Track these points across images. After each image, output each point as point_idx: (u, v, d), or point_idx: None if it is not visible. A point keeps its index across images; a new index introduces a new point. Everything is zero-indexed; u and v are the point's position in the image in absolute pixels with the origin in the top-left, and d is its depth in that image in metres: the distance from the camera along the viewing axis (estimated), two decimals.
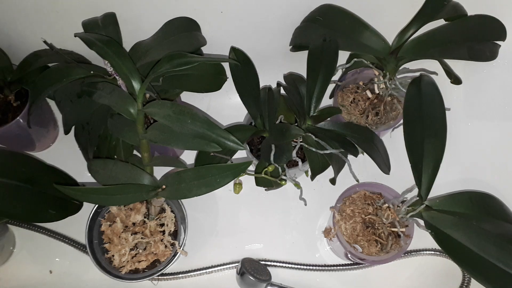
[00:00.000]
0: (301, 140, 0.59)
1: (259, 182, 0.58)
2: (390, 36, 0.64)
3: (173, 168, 0.66)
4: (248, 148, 0.65)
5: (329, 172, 0.60)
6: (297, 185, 0.57)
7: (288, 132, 0.55)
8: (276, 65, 0.76)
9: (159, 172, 0.60)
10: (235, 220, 0.74)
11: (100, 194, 0.48)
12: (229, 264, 0.69)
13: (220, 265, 0.69)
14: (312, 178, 0.59)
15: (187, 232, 0.62)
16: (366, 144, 0.60)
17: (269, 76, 0.72)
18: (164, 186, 0.51)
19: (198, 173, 0.48)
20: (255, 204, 0.74)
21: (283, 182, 0.57)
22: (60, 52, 0.63)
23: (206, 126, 0.48)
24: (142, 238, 0.61)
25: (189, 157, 0.78)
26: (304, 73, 0.61)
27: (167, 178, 0.51)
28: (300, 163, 0.58)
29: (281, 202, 0.74)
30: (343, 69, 0.67)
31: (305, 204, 0.61)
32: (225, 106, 0.82)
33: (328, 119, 0.61)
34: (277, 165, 0.55)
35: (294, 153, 0.56)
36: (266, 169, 0.55)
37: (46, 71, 0.63)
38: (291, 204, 0.74)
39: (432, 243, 0.52)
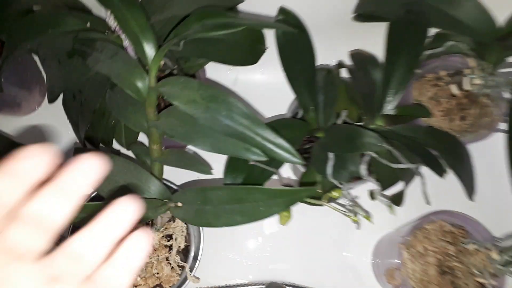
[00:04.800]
0: None
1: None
2: (500, 13, 0.47)
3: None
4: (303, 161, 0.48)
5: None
6: (367, 217, 0.42)
7: (360, 140, 0.38)
8: (329, 39, 0.58)
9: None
10: (259, 232, 0.59)
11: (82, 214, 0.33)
12: (249, 286, 0.55)
13: (238, 285, 0.55)
14: (374, 197, 0.44)
15: (202, 251, 0.47)
16: (454, 160, 0.44)
17: (319, 52, 0.55)
18: (180, 204, 0.35)
19: (234, 195, 0.32)
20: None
21: (340, 210, 0.41)
22: None
23: (249, 123, 0.33)
24: None
25: (208, 154, 0.55)
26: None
27: (185, 192, 0.35)
28: (372, 182, 0.41)
29: (321, 218, 0.58)
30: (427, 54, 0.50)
31: (358, 228, 0.46)
32: (256, 83, 0.65)
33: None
34: (335, 182, 0.40)
35: (363, 168, 0.39)
36: (320, 191, 0.39)
37: (28, 16, 0.47)
38: (334, 221, 0.58)
39: None
